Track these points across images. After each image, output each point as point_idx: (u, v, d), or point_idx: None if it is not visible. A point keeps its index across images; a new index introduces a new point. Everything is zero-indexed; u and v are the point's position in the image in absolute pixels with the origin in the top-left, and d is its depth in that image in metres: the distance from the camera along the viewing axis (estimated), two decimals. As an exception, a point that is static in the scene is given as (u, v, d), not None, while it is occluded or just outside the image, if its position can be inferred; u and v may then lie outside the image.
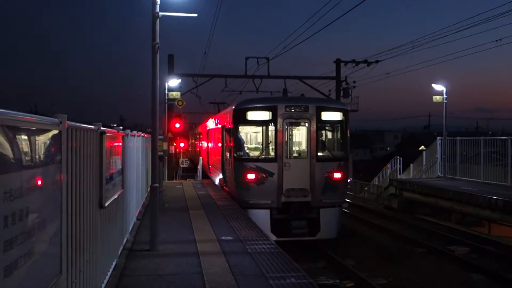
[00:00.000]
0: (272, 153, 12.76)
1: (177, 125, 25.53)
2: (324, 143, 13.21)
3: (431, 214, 17.71)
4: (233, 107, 13.46)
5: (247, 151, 13.22)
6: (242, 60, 29.96)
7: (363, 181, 29.68)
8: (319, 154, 12.81)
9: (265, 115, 12.81)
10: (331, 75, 32.94)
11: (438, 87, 20.41)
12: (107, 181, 5.77)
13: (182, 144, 30.98)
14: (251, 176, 12.59)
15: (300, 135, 13.12)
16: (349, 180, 13.85)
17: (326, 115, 12.94)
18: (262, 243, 8.61)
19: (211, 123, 18.14)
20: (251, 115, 12.89)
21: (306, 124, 12.80)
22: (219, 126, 16.12)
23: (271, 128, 12.84)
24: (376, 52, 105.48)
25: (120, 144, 7.33)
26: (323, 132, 13.26)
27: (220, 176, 15.35)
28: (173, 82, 26.28)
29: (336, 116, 13.13)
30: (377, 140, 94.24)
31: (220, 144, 15.71)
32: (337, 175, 12.76)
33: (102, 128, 5.44)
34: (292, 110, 12.76)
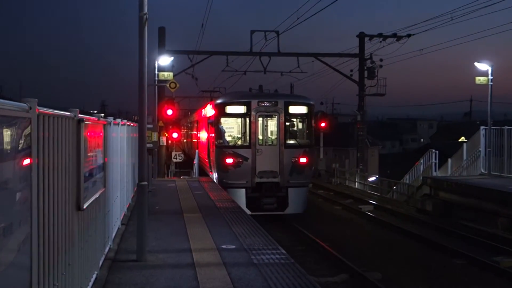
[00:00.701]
0: (247, 141, 17.94)
1: (169, 112, 25.56)
2: (291, 132, 18.29)
3: (472, 218, 17.65)
4: (215, 102, 18.94)
5: (227, 139, 18.38)
6: (247, 34, 30.01)
7: (391, 179, 29.68)
8: (287, 142, 17.98)
9: (241, 109, 18.01)
10: (353, 51, 32.85)
11: (482, 66, 20.17)
12: (86, 178, 5.78)
13: (175, 135, 31.02)
14: (229, 160, 17.84)
15: (271, 126, 18.32)
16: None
17: (293, 109, 18.08)
18: (271, 252, 8.62)
19: (209, 111, 21.85)
20: (229, 109, 18.15)
21: (276, 117, 18.04)
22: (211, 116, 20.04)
23: (246, 120, 17.94)
24: (408, 24, 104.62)
25: (102, 134, 7.34)
26: (291, 123, 18.30)
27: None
28: (165, 60, 26.22)
29: (302, 109, 18.23)
30: (408, 130, 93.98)
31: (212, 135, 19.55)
32: (302, 159, 17.94)
33: (80, 115, 5.43)
34: (264, 105, 17.99)
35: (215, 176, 19.10)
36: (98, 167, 6.99)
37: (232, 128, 18.96)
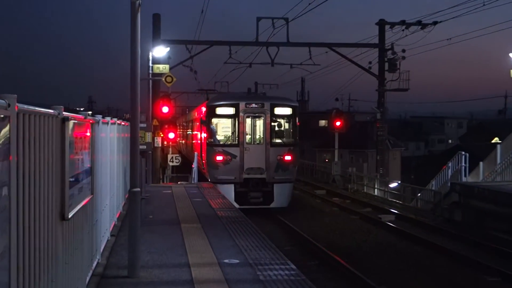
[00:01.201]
0: (235, 140, 21.77)
1: (165, 109, 25.61)
2: (277, 132, 22.21)
3: (507, 229, 17.56)
4: (206, 103, 23.10)
5: (217, 138, 22.22)
6: (252, 22, 30.02)
7: (415, 185, 29.59)
8: (273, 141, 21.85)
9: (230, 110, 21.93)
10: (373, 41, 32.82)
11: (518, 57, 20.11)
12: (72, 184, 5.80)
13: (171, 135, 31.08)
14: (219, 158, 21.58)
15: (257, 126, 22.07)
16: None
17: (278, 110, 21.96)
18: (279, 267, 8.61)
19: (201, 111, 24.78)
20: (219, 110, 22.10)
21: (262, 117, 21.85)
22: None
23: (235, 120, 21.85)
24: (434, 10, 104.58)
25: (89, 134, 7.36)
26: (276, 124, 22.19)
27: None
28: (160, 51, 26.31)
29: (286, 111, 22.15)
30: (434, 129, 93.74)
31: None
32: (287, 157, 21.75)
33: (64, 113, 5.45)
34: (251, 106, 21.82)
35: (207, 172, 22.71)
36: (85, 172, 7.00)
37: (228, 127, 22.58)
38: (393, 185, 30.40)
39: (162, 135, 28.49)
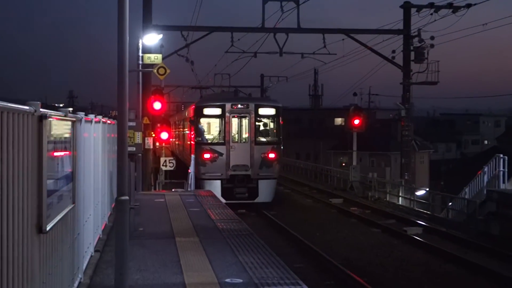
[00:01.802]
0: (222, 139, 26.27)
1: (157, 106, 25.64)
2: (261, 131, 26.80)
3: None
4: (195, 104, 28.09)
5: (205, 137, 26.97)
6: (258, 5, 30.02)
7: (446, 193, 29.50)
8: (257, 139, 26.39)
9: (217, 111, 26.56)
10: (396, 27, 32.76)
11: None
12: (50, 191, 5.79)
13: (164, 135, 31.07)
14: (206, 155, 25.98)
15: (243, 125, 26.63)
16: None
17: (262, 111, 26.67)
18: (288, 287, 8.59)
19: (191, 112, 29.24)
20: (207, 111, 26.98)
21: (247, 117, 26.39)
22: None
23: (222, 120, 26.43)
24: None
25: (70, 134, 7.35)
26: (262, 123, 26.88)
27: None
28: (151, 38, 26.35)
29: (270, 111, 26.96)
30: (468, 129, 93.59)
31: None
32: (271, 155, 26.32)
33: (42, 110, 5.44)
34: (237, 107, 26.47)
35: (195, 169, 27.09)
36: (66, 177, 7.00)
37: (215, 127, 27.25)
38: (420, 193, 30.35)
39: (154, 135, 28.49)
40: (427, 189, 31.85)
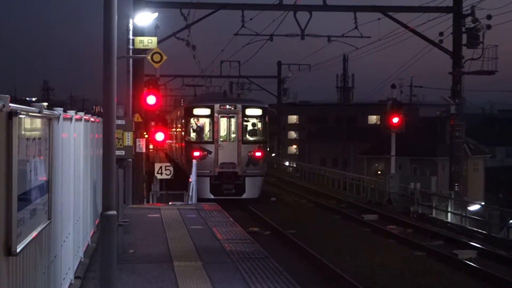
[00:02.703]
0: (211, 138, 32.98)
1: (151, 100, 25.72)
2: (248, 131, 33.67)
3: None
4: (185, 105, 37.49)
5: (194, 136, 33.92)
6: (273, -24, 29.96)
7: (505, 207, 29.32)
8: (244, 138, 33.02)
9: (206, 111, 33.54)
10: (445, 4, 32.67)
11: None
12: (21, 204, 5.79)
13: (160, 136, 31.15)
14: (196, 153, 32.12)
15: (231, 125, 33.49)
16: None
17: (249, 111, 33.64)
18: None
19: (181, 112, 37.11)
20: (196, 111, 34.14)
21: (235, 118, 33.10)
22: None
23: (210, 120, 33.30)
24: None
25: (45, 135, 7.35)
26: (250, 123, 33.86)
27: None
28: (144, 18, 26.43)
29: (257, 112, 34.01)
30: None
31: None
32: (257, 153, 32.90)
33: (11, 105, 5.44)
34: (225, 108, 33.17)
35: (185, 167, 33.91)
36: (40, 187, 7.00)
37: (204, 126, 34.15)
38: (473, 207, 30.21)
39: (147, 136, 28.54)
40: (482, 203, 31.71)
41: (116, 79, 8.59)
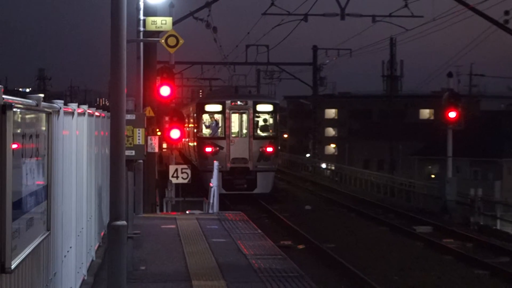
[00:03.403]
0: (222, 134, 40.27)
1: (165, 91, 25.74)
2: (260, 126, 40.98)
3: None
4: (197, 101, 47.66)
5: (206, 132, 41.57)
6: None
7: None
8: (255, 134, 40.26)
9: (218, 108, 40.87)
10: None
11: None
12: (16, 213, 5.79)
13: (175, 134, 31.18)
14: (208, 149, 39.53)
15: (242, 121, 40.69)
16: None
17: (260, 107, 41.01)
18: None
19: (194, 108, 44.05)
20: (208, 107, 41.72)
21: (246, 114, 40.37)
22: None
23: (222, 116, 40.61)
24: None
25: (44, 131, 7.36)
26: (261, 119, 41.28)
27: None
28: (157, -5, 26.49)
29: (268, 108, 41.57)
30: None
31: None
32: (269, 149, 39.75)
33: (5, 96, 5.44)
34: (236, 104, 40.36)
35: (197, 162, 40.45)
36: (37, 193, 7.01)
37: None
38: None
39: (160, 134, 28.59)
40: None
41: (125, 67, 8.59)
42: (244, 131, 39.78)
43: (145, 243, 16.65)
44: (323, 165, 69.01)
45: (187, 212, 26.21)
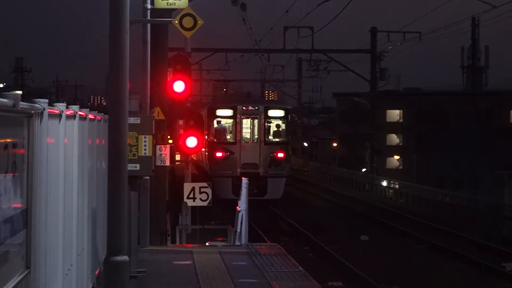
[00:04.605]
0: (233, 138, 53.53)
1: (179, 86, 25.81)
2: (271, 131, 54.92)
3: None
4: (208, 105, 61.85)
5: (217, 137, 55.71)
6: None
7: None
8: (267, 139, 53.20)
9: (229, 112, 54.40)
10: None
11: None
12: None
13: (192, 142, 31.25)
14: (219, 154, 51.77)
15: (253, 126, 54.14)
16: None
17: (272, 112, 54.19)
18: None
19: (205, 112, 52.49)
20: (219, 112, 54.76)
21: (257, 119, 53.84)
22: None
23: (233, 121, 54.29)
24: None
25: (22, 139, 7.41)
26: (270, 124, 54.93)
27: None
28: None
29: (279, 113, 54.67)
30: None
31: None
32: (280, 154, 52.09)
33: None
34: (248, 109, 53.72)
35: (208, 166, 49.63)
36: (13, 220, 7.06)
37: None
38: None
39: (172, 142, 28.67)
40: None
41: (128, 55, 8.63)
42: (255, 136, 49.74)
43: (153, 285, 16.72)
44: (384, 183, 68.68)
45: (207, 243, 26.24)
